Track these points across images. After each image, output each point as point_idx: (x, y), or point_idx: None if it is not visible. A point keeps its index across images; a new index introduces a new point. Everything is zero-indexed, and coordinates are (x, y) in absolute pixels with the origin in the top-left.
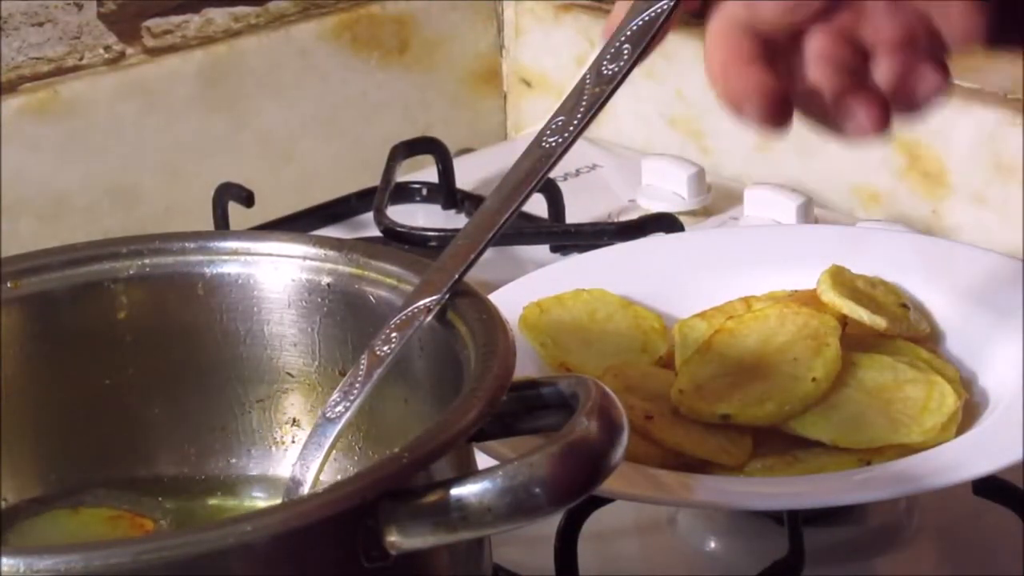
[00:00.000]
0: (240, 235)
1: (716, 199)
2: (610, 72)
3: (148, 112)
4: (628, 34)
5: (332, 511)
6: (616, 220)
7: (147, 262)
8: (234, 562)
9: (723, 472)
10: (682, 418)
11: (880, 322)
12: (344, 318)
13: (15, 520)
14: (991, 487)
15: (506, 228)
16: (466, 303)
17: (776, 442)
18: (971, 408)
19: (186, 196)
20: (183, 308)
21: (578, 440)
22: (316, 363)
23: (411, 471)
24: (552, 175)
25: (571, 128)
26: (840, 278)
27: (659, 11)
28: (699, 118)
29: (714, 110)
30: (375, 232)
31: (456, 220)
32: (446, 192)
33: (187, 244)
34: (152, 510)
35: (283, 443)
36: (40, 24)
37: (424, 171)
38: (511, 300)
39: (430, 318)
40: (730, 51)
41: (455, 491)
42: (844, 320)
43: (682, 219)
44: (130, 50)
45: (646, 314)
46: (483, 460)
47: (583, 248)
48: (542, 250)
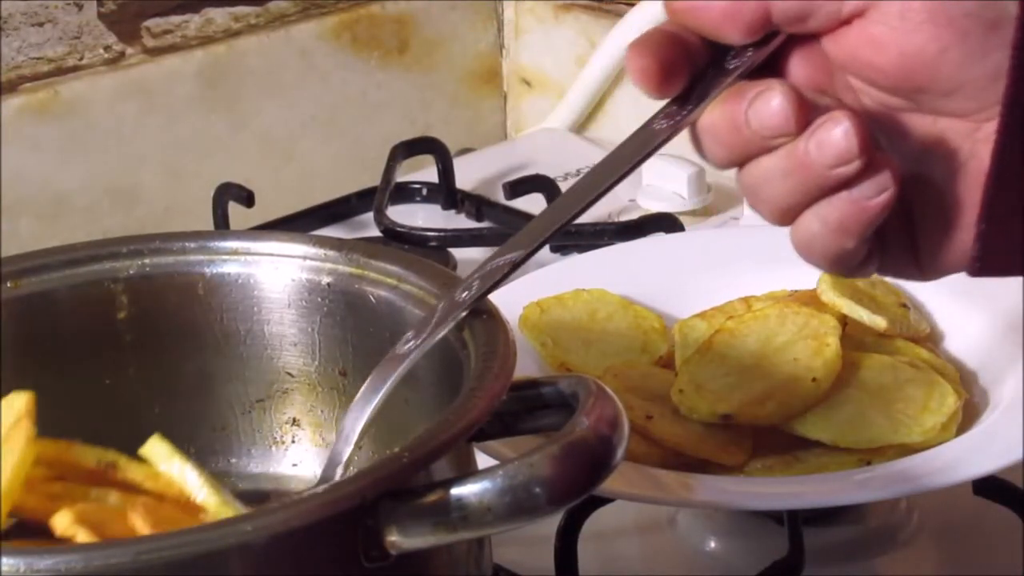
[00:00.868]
0: (240, 235)
1: (716, 199)
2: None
3: (148, 112)
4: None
5: (332, 511)
6: (616, 220)
7: (147, 262)
8: (234, 562)
9: (723, 472)
10: (682, 418)
11: (880, 322)
12: (344, 318)
13: None
14: (991, 487)
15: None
16: None
17: (776, 442)
18: (971, 408)
19: (186, 196)
20: (183, 308)
21: (578, 440)
22: (316, 363)
23: (411, 471)
24: (552, 175)
25: (683, 113)
26: (840, 278)
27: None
28: None
29: None
30: (375, 232)
31: (456, 220)
32: (446, 192)
33: (187, 244)
34: None
35: (283, 443)
36: (40, 24)
37: (424, 171)
38: (511, 300)
39: (515, 272)
40: None
41: (455, 491)
42: (844, 320)
43: (682, 219)
44: (130, 50)
45: (646, 314)
46: (483, 460)
47: (583, 248)
48: (542, 250)
